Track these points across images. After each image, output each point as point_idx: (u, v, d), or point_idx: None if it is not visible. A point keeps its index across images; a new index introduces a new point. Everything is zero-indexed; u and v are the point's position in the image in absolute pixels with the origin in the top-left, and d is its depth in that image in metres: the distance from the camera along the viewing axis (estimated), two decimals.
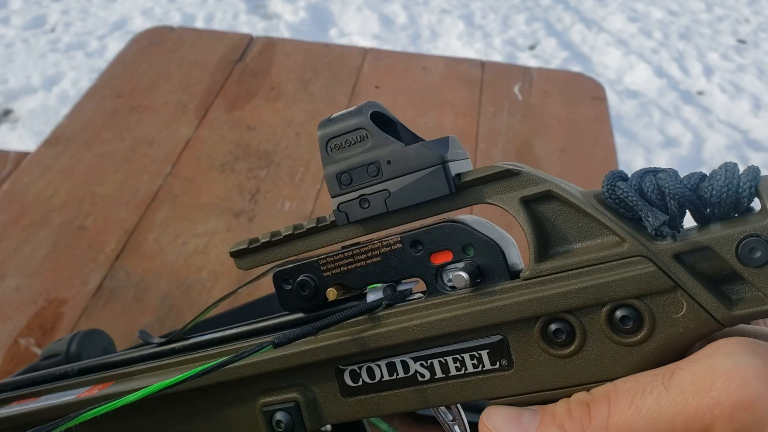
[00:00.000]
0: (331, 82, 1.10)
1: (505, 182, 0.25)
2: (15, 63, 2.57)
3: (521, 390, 0.26)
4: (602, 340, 0.25)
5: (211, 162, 0.94)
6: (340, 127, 0.27)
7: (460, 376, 0.27)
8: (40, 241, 0.81)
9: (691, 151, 2.26)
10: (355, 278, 0.29)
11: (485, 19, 3.06)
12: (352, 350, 0.28)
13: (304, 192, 0.89)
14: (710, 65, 2.77)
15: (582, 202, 0.25)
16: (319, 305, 0.30)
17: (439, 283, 0.27)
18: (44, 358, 0.43)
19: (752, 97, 2.57)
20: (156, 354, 0.35)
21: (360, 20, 2.96)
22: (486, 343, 0.26)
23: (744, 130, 2.40)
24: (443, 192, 0.26)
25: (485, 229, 0.27)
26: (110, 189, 0.89)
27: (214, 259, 0.79)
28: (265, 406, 0.30)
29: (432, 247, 0.27)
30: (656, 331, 0.24)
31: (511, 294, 0.26)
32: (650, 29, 3.05)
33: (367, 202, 0.27)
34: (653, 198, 0.23)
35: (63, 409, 0.33)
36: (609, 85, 2.54)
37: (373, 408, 0.29)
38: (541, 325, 0.25)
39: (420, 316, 0.27)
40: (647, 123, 2.40)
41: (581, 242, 0.25)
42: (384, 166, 0.27)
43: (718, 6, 3.30)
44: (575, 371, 0.25)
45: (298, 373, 0.30)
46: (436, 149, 0.26)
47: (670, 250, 0.23)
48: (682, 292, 0.23)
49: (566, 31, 3.02)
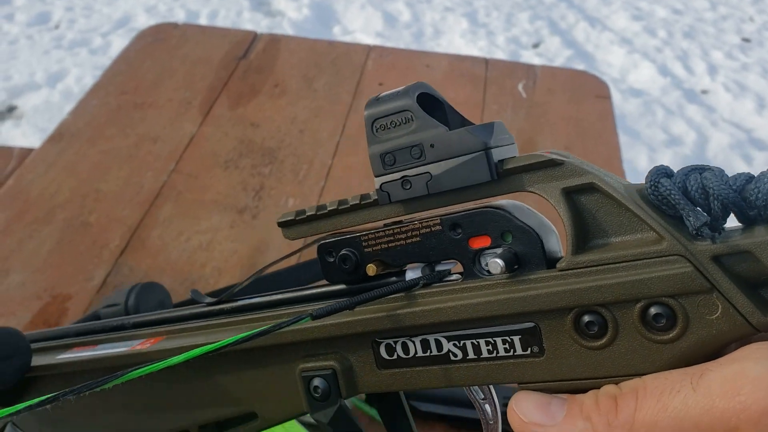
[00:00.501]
0: (334, 79, 1.10)
1: (548, 171, 0.25)
2: (19, 60, 2.57)
3: (550, 377, 0.26)
4: (634, 335, 0.25)
5: (214, 159, 0.94)
6: (386, 108, 0.28)
7: (491, 359, 0.27)
8: (45, 238, 0.81)
9: (695, 149, 2.26)
10: (394, 256, 0.29)
11: (489, 17, 3.06)
12: (388, 326, 0.29)
13: (307, 189, 0.89)
14: (714, 64, 2.77)
15: (624, 197, 0.25)
16: (359, 279, 0.31)
17: (476, 267, 0.28)
18: (105, 306, 0.45)
19: (756, 96, 2.56)
20: (205, 313, 0.36)
21: (363, 18, 2.96)
22: (519, 329, 0.27)
23: (748, 129, 2.39)
24: (484, 178, 0.26)
25: (525, 216, 0.27)
26: (114, 185, 0.89)
27: (217, 255, 0.79)
28: (304, 372, 0.31)
29: (471, 231, 0.27)
30: (689, 331, 0.24)
31: (546, 284, 0.26)
32: (654, 28, 3.04)
33: (409, 183, 0.27)
34: (697, 197, 0.23)
35: (117, 360, 0.35)
36: (613, 84, 2.54)
37: (405, 381, 0.29)
38: (575, 316, 0.25)
39: (455, 298, 0.27)
40: (651, 121, 2.40)
41: (620, 237, 0.25)
42: (427, 149, 0.27)
43: (723, 5, 3.30)
44: (605, 363, 0.25)
45: (336, 342, 0.31)
46: (480, 135, 0.26)
47: (709, 251, 0.23)
48: (718, 294, 0.23)
49: (570, 29, 3.01)
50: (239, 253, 0.79)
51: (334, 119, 1.02)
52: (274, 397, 0.33)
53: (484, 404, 0.30)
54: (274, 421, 0.33)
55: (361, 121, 1.01)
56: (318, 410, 0.31)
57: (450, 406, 0.62)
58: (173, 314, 0.38)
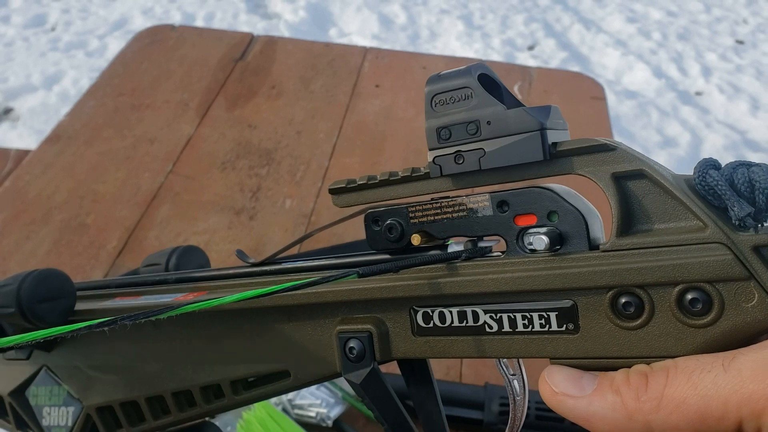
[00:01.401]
0: (331, 81, 1.10)
1: (600, 156, 0.26)
2: (15, 62, 2.57)
3: (583, 354, 0.27)
4: (669, 318, 0.25)
5: (212, 160, 0.94)
6: (448, 84, 0.28)
7: (526, 333, 0.28)
8: (42, 238, 0.81)
9: (689, 151, 2.27)
10: (439, 228, 0.30)
11: (484, 20, 3.07)
12: (427, 293, 0.30)
13: (304, 190, 0.90)
14: (709, 66, 2.78)
15: (672, 184, 0.25)
16: (402, 249, 0.31)
17: (520, 244, 0.28)
18: (145, 265, 0.45)
19: (750, 98, 2.58)
20: (248, 273, 0.37)
21: (360, 20, 2.97)
22: (556, 306, 0.27)
23: (742, 130, 2.40)
24: (537, 158, 0.27)
25: (573, 200, 0.28)
26: (111, 187, 0.89)
27: (215, 256, 0.79)
28: (341, 333, 0.32)
29: (518, 209, 0.28)
30: (723, 317, 0.24)
31: (588, 263, 0.26)
32: (649, 30, 3.06)
33: (462, 158, 0.28)
34: (743, 190, 0.24)
35: (161, 308, 0.36)
36: (607, 86, 2.55)
37: (439, 350, 0.30)
38: (613, 296, 0.26)
39: (497, 271, 0.28)
40: (645, 123, 2.41)
41: (664, 223, 0.26)
42: (483, 126, 0.28)
43: (717, 7, 3.31)
44: (638, 344, 0.26)
45: (376, 306, 0.31)
46: (537, 116, 0.27)
47: (750, 241, 0.24)
48: (756, 283, 0.24)
49: (565, 31, 3.02)
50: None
51: (331, 120, 1.02)
52: (308, 356, 0.33)
53: (513, 380, 0.31)
54: (306, 381, 0.34)
55: (358, 123, 1.01)
56: (351, 371, 0.32)
57: (450, 406, 0.63)
58: (216, 272, 0.38)
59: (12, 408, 0.42)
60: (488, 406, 0.62)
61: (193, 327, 0.36)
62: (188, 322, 0.36)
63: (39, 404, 0.42)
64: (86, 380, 0.40)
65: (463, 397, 0.63)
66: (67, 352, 0.41)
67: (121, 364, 0.39)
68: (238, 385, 0.36)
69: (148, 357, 0.38)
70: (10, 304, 0.37)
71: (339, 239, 0.75)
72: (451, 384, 0.65)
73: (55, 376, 0.41)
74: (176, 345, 0.37)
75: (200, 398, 0.36)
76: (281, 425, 0.60)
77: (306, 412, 0.62)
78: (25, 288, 0.37)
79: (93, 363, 0.40)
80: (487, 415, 0.62)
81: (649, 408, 0.24)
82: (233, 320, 0.35)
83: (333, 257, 0.35)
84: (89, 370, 0.40)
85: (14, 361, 0.43)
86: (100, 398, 0.39)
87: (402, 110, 1.03)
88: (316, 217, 0.85)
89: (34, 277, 0.38)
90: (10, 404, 0.43)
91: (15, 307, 0.37)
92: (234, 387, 0.35)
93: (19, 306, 0.37)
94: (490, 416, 0.62)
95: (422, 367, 0.33)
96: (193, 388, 0.36)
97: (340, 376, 0.32)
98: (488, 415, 0.62)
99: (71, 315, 0.39)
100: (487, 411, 0.62)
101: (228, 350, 0.35)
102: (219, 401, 0.36)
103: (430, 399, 0.33)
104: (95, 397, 0.39)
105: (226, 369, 0.35)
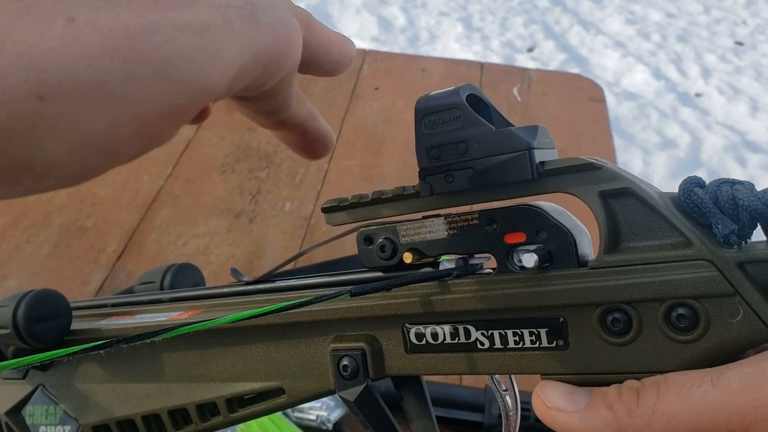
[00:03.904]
0: (331, 83, 1.10)
1: (586, 174, 0.27)
2: None
3: (573, 370, 0.27)
4: (657, 334, 0.26)
5: (211, 163, 0.94)
6: (437, 105, 0.29)
7: (517, 350, 0.28)
8: (42, 242, 0.81)
9: (689, 152, 2.27)
10: (430, 246, 0.30)
11: (483, 22, 3.07)
12: (420, 311, 0.30)
13: (304, 193, 0.90)
14: (708, 67, 2.79)
15: (658, 202, 0.26)
16: (395, 266, 0.32)
17: (509, 262, 0.29)
18: (140, 283, 0.46)
19: (750, 99, 2.58)
20: (242, 291, 0.37)
21: (359, 22, 2.97)
22: (546, 322, 0.28)
23: (742, 131, 2.41)
24: (525, 176, 0.27)
25: (561, 217, 0.28)
26: (111, 190, 0.89)
27: (214, 259, 0.79)
28: (335, 350, 0.32)
29: (507, 226, 0.28)
30: (709, 332, 0.25)
31: (576, 280, 0.27)
32: (648, 31, 3.06)
33: (452, 177, 0.28)
34: (726, 207, 0.24)
35: (155, 328, 0.37)
36: (607, 87, 2.55)
37: (432, 366, 0.31)
38: (601, 313, 0.26)
39: (487, 288, 0.29)
40: (645, 125, 2.41)
41: (651, 240, 0.26)
42: (472, 146, 0.28)
43: (716, 8, 3.32)
44: (627, 360, 0.26)
45: (369, 324, 0.32)
46: (524, 135, 0.27)
47: (734, 258, 0.24)
48: (740, 299, 0.24)
49: (564, 33, 3.03)
50: (236, 257, 0.80)
51: (330, 123, 1.01)
52: (303, 374, 0.34)
53: (505, 395, 0.31)
54: (300, 398, 0.34)
55: (358, 126, 1.01)
56: (344, 389, 0.32)
57: (450, 409, 0.63)
58: (211, 291, 0.39)
59: (8, 427, 0.43)
60: (488, 409, 0.62)
61: (187, 345, 0.36)
62: (183, 340, 0.36)
63: (35, 423, 0.42)
64: (82, 399, 0.40)
65: (464, 400, 0.63)
66: (63, 372, 0.41)
67: (116, 382, 0.39)
68: (233, 402, 0.36)
69: (143, 375, 0.38)
70: (6, 325, 0.38)
71: (339, 246, 0.75)
72: (452, 386, 0.65)
73: (52, 395, 0.41)
74: (171, 363, 0.37)
75: (196, 416, 0.36)
76: (281, 428, 0.60)
77: (306, 415, 0.62)
78: (22, 309, 0.38)
79: (89, 382, 0.40)
80: (488, 418, 0.62)
81: (641, 423, 0.24)
82: (228, 338, 0.36)
83: (326, 275, 0.35)
84: (85, 389, 0.40)
85: (10, 381, 0.43)
86: (96, 417, 0.39)
87: (401, 113, 1.03)
88: (316, 219, 0.85)
89: (30, 297, 0.38)
90: (7, 423, 0.43)
91: (11, 328, 0.38)
92: (229, 405, 0.36)
93: (15, 327, 0.38)
94: (490, 419, 0.62)
95: (416, 383, 0.34)
96: (189, 406, 0.36)
97: (335, 393, 0.33)
98: (488, 417, 0.62)
99: (67, 335, 0.39)
100: (487, 414, 0.62)
101: (223, 368, 0.36)
102: (215, 419, 0.36)
103: (425, 415, 0.33)
104: (91, 415, 0.40)
105: (221, 387, 0.36)
